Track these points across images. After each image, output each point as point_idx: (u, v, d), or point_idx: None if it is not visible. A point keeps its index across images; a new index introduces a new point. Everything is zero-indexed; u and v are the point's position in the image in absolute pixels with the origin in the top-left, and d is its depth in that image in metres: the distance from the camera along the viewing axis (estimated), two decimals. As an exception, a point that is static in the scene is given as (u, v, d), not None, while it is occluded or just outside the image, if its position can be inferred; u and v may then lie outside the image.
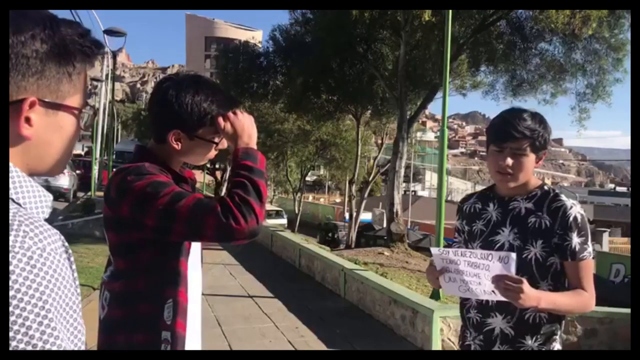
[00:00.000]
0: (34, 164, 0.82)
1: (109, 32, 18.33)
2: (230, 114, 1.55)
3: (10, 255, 0.66)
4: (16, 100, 0.76)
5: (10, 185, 0.77)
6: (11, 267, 0.66)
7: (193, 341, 1.64)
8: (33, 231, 0.70)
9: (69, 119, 0.85)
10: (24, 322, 0.65)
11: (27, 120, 0.78)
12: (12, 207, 0.73)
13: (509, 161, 1.85)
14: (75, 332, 0.72)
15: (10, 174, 0.77)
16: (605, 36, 11.86)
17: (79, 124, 0.88)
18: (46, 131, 0.81)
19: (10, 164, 0.78)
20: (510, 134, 1.84)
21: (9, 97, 0.76)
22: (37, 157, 0.82)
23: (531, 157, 1.87)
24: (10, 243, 0.67)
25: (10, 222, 0.70)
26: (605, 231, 25.46)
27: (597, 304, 5.79)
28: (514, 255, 1.72)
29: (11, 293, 0.65)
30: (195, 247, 1.66)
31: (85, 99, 0.88)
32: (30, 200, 0.79)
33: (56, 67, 0.80)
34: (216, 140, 1.59)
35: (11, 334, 0.65)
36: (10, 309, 0.65)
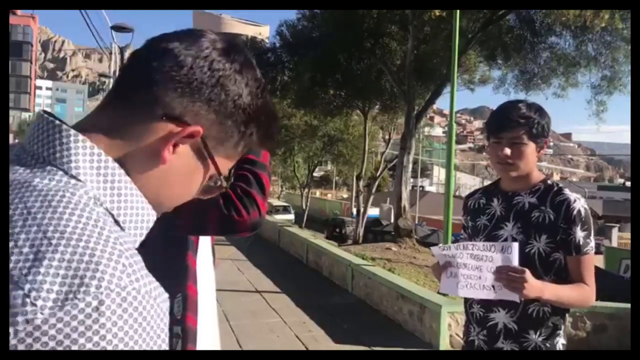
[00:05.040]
0: (144, 191, 0.69)
1: (117, 28, 18.38)
2: None
3: (104, 292, 0.55)
4: (185, 121, 0.66)
5: (110, 193, 0.65)
6: (101, 307, 0.54)
7: (209, 336, 1.65)
8: (132, 267, 0.59)
9: (203, 173, 0.72)
10: None
11: (174, 145, 0.67)
12: (107, 226, 0.60)
13: (507, 151, 1.86)
14: None
15: (112, 177, 0.65)
16: (619, 27, 11.70)
17: (201, 185, 0.75)
18: (180, 169, 0.69)
19: (115, 165, 0.66)
20: (506, 123, 1.86)
21: (180, 116, 0.66)
22: (153, 187, 0.69)
23: (530, 146, 1.87)
24: (106, 277, 0.55)
25: (105, 246, 0.58)
26: (614, 226, 25.34)
27: (607, 300, 5.71)
28: (515, 244, 1.73)
29: (102, 333, 0.54)
30: (205, 242, 1.66)
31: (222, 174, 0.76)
32: (131, 218, 0.67)
33: (237, 126, 0.70)
34: None
35: None
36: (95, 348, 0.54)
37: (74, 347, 0.53)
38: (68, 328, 0.53)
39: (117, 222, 0.65)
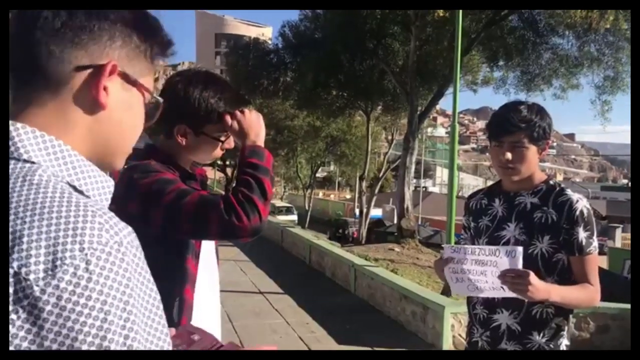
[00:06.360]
0: (99, 143, 0.73)
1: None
2: (238, 112, 1.54)
3: (88, 252, 0.57)
4: (98, 65, 0.69)
5: (64, 168, 0.67)
6: (89, 266, 0.57)
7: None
8: (108, 222, 0.61)
9: (139, 100, 0.76)
10: (102, 325, 0.56)
11: (104, 89, 0.70)
12: (73, 194, 0.63)
13: (509, 155, 1.85)
14: (158, 333, 0.63)
15: (61, 154, 0.67)
16: (622, 28, 11.65)
17: (145, 112, 0.79)
18: (118, 106, 0.72)
19: (60, 142, 0.68)
20: (506, 128, 1.85)
21: (92, 62, 0.69)
22: (105, 134, 0.72)
23: (531, 149, 1.86)
24: (86, 238, 0.58)
25: (77, 211, 0.60)
26: (618, 227, 25.26)
27: (610, 300, 5.69)
28: (520, 249, 1.72)
29: (98, 289, 0.56)
30: (208, 245, 1.66)
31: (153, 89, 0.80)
32: (92, 187, 0.70)
33: (138, 41, 0.74)
34: (222, 138, 1.59)
35: (88, 338, 0.55)
36: (88, 311, 0.56)
37: (78, 309, 0.55)
38: (66, 293, 0.55)
39: (81, 193, 0.67)
